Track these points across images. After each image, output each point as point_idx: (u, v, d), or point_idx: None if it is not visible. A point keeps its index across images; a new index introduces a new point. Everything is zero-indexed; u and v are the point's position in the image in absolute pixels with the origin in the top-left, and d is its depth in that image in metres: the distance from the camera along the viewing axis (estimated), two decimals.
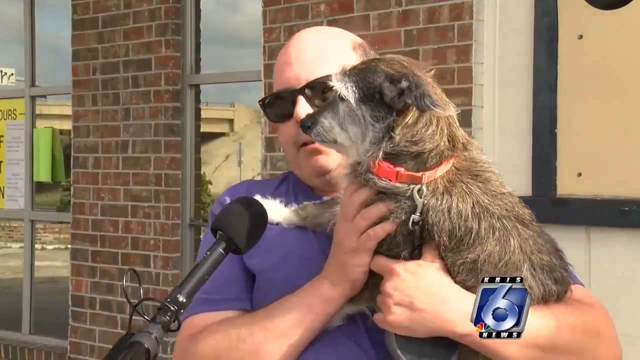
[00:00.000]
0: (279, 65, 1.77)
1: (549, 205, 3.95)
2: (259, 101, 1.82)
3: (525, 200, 4.27)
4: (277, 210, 1.70)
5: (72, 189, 6.23)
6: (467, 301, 1.46)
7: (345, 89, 1.50)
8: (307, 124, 1.55)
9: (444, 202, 1.47)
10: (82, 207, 6.07)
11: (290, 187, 1.83)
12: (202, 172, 6.28)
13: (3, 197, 6.96)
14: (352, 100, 1.49)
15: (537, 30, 4.02)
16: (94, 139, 6.02)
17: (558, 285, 1.53)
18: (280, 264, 1.66)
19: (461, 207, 1.47)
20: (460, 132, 1.54)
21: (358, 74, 1.51)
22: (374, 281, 1.53)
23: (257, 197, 1.67)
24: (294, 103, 1.71)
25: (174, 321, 1.31)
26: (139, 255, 5.75)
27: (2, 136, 6.96)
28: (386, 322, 1.49)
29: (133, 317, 1.30)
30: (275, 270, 1.66)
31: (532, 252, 1.50)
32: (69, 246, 6.26)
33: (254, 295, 1.69)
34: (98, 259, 5.96)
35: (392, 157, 1.48)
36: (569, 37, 3.93)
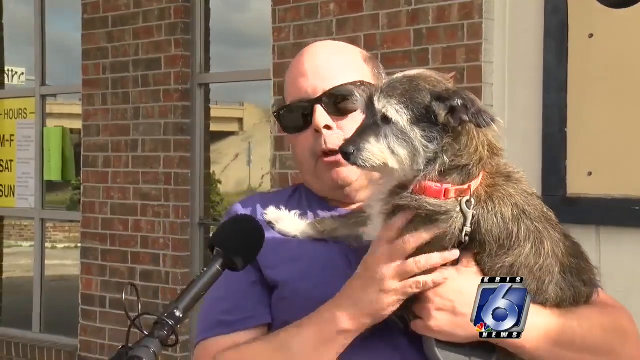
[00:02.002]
0: (292, 77, 1.77)
1: (559, 204, 3.93)
2: (273, 112, 1.82)
3: None
4: (293, 223, 1.69)
5: (82, 187, 6.25)
6: None
7: (395, 111, 1.46)
8: (349, 151, 1.47)
9: (490, 209, 1.47)
10: (92, 206, 6.09)
11: (304, 197, 1.81)
12: (211, 171, 6.28)
13: (14, 195, 6.98)
14: (404, 123, 1.45)
15: (547, 29, 4.01)
16: (104, 138, 6.04)
17: (587, 287, 1.57)
18: (304, 275, 1.64)
19: (504, 211, 1.48)
20: (494, 139, 1.54)
21: (403, 95, 1.47)
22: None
23: (271, 209, 1.69)
24: (310, 113, 1.71)
25: (171, 336, 1.32)
26: (148, 254, 5.76)
27: (12, 135, 6.98)
28: (428, 327, 1.49)
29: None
30: (300, 281, 1.64)
31: (563, 255, 1.53)
32: (79, 245, 6.28)
33: (278, 307, 1.67)
34: (108, 257, 5.97)
35: (439, 174, 1.47)
36: (579, 36, 3.91)
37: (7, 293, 7.66)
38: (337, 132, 1.70)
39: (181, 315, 1.35)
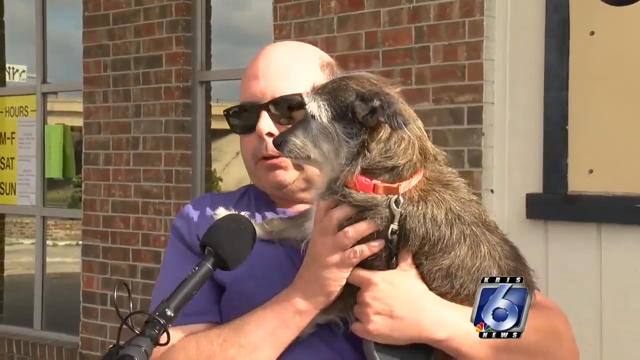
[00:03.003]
0: (247, 77, 1.80)
1: (559, 202, 3.94)
2: (224, 111, 1.84)
3: (536, 197, 4.27)
4: None
5: (83, 185, 6.25)
6: (443, 308, 1.53)
7: (317, 108, 1.54)
8: (278, 142, 1.58)
9: (420, 208, 1.52)
10: (93, 204, 6.09)
11: (252, 200, 1.85)
12: (212, 168, 6.28)
13: (15, 193, 6.99)
14: (324, 119, 1.53)
15: (548, 27, 4.01)
16: (105, 136, 6.04)
17: None
18: (250, 275, 1.67)
19: (436, 213, 1.52)
20: (430, 144, 1.59)
21: (329, 93, 1.55)
22: (347, 291, 1.56)
23: (221, 210, 1.71)
24: (257, 117, 1.74)
25: (162, 334, 1.33)
26: (149, 252, 5.76)
27: (13, 133, 6.99)
28: (366, 331, 1.53)
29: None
30: (246, 282, 1.67)
31: (500, 257, 1.56)
32: (80, 242, 6.28)
33: (226, 307, 1.70)
34: (109, 255, 5.98)
35: (368, 172, 1.52)
36: (580, 34, 3.91)
37: (8, 290, 7.67)
38: None
39: (172, 314, 1.35)
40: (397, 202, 1.51)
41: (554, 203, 3.95)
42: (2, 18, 7.56)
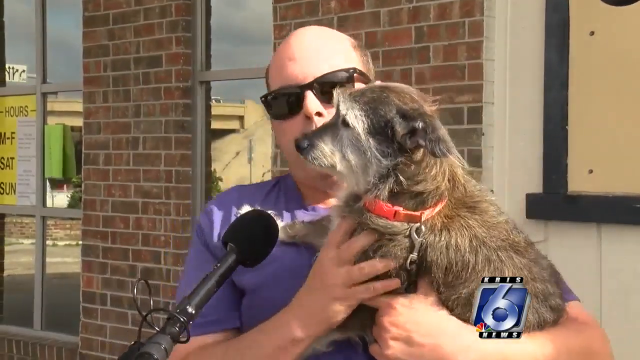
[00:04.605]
0: (280, 61, 1.72)
1: (559, 202, 3.94)
2: (261, 97, 1.77)
3: (536, 197, 4.26)
4: None
5: (83, 185, 6.25)
6: (465, 333, 1.45)
7: (354, 117, 1.44)
8: (303, 145, 1.48)
9: (443, 238, 1.44)
10: (93, 204, 6.09)
11: (282, 194, 1.79)
12: (212, 168, 6.28)
13: (15, 193, 6.99)
14: (360, 130, 1.43)
15: (548, 27, 4.01)
16: (105, 136, 6.04)
17: (554, 313, 1.53)
18: (274, 281, 1.63)
19: (459, 242, 1.45)
20: (460, 172, 1.51)
21: (368, 103, 1.44)
22: (365, 310, 1.50)
23: (246, 208, 1.66)
24: (300, 99, 1.67)
25: (183, 332, 1.32)
26: (149, 252, 5.76)
27: (13, 133, 6.99)
28: (384, 356, 1.48)
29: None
30: (268, 288, 1.63)
31: (527, 281, 1.48)
32: (80, 242, 6.28)
33: (247, 313, 1.67)
34: (109, 255, 5.98)
35: (392, 196, 1.44)
36: (580, 34, 3.91)
37: (9, 290, 7.67)
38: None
39: (194, 312, 1.34)
40: (418, 231, 1.43)
41: (554, 203, 3.95)
42: (2, 18, 7.56)
